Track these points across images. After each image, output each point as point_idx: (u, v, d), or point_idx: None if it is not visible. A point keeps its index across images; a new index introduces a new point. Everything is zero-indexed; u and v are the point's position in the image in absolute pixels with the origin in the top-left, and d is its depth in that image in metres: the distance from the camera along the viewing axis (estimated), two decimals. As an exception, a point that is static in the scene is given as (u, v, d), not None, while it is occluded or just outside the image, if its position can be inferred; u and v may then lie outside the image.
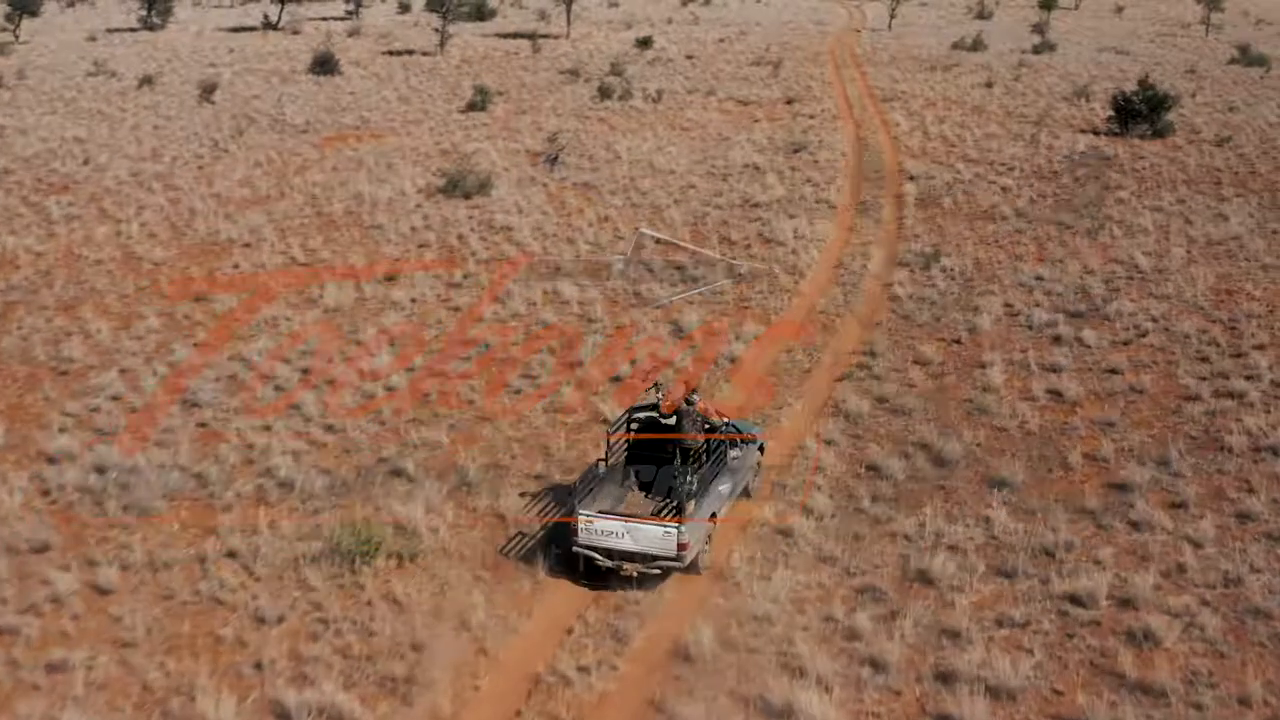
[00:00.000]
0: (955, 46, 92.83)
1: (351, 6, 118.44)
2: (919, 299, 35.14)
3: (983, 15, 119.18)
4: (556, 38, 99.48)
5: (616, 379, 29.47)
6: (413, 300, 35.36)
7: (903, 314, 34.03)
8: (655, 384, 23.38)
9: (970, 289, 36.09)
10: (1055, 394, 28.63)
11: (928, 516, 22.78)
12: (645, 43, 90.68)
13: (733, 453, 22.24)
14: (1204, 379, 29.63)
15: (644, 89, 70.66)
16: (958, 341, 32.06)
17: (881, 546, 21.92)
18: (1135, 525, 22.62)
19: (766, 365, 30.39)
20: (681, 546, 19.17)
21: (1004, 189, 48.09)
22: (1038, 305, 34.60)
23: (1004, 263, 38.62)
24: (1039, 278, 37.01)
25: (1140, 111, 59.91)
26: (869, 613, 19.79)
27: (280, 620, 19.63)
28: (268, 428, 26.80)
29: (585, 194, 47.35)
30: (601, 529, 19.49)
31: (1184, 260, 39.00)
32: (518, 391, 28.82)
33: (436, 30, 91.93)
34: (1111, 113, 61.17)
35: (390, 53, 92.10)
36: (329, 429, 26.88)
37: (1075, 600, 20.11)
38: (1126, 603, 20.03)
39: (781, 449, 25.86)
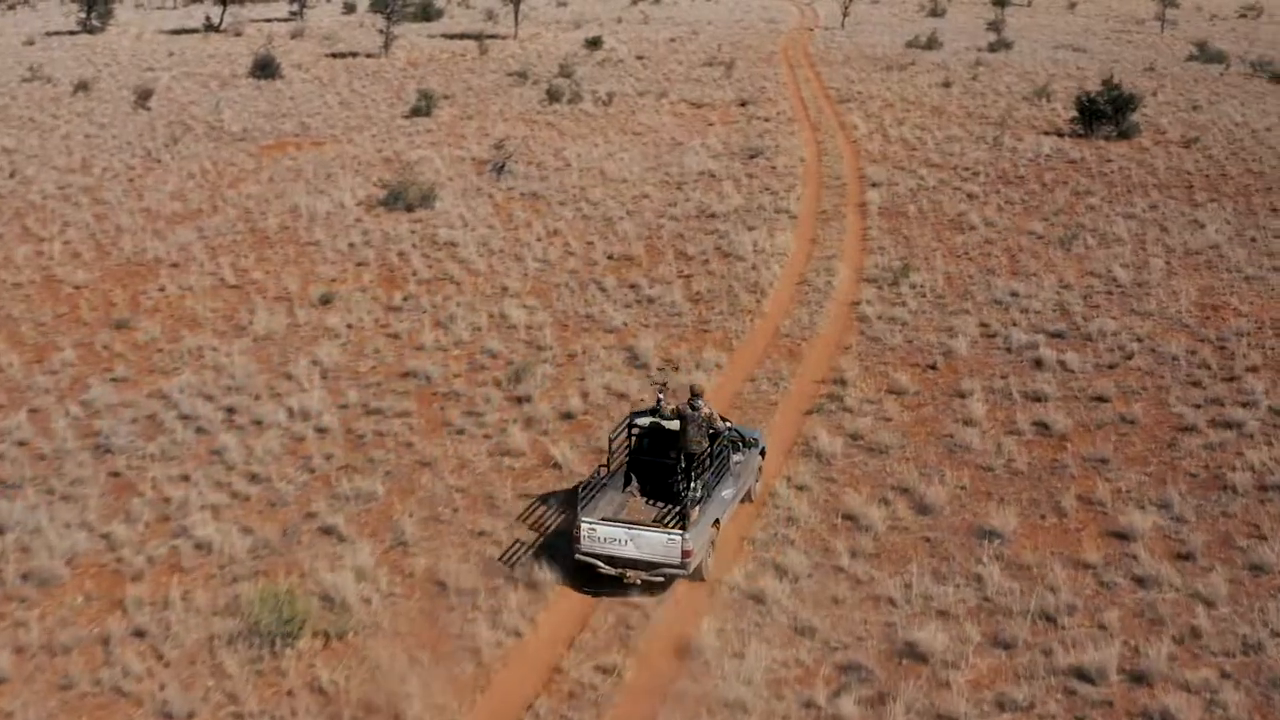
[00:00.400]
0: (910, 45, 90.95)
1: (295, 7, 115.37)
2: (889, 319, 32.89)
3: (935, 13, 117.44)
4: (504, 38, 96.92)
5: (568, 416, 26.95)
6: (349, 326, 32.87)
7: (872, 336, 31.76)
8: (661, 384, 22.94)
9: (943, 307, 33.87)
10: (1041, 426, 26.45)
11: (914, 575, 20.55)
12: (594, 43, 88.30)
13: (735, 457, 21.69)
14: (1198, 406, 27.54)
15: (594, 91, 68.27)
16: (933, 367, 29.84)
17: (864, 613, 19.64)
18: (1141, 581, 20.47)
19: (730, 397, 27.92)
20: (685, 554, 18.73)
21: (970, 196, 45.97)
22: (1015, 325, 32.44)
23: (976, 277, 36.45)
24: (1014, 293, 34.86)
25: (1105, 112, 58.04)
26: (855, 695, 17.57)
27: (190, 716, 17.12)
28: (186, 478, 24.22)
29: (534, 205, 44.90)
30: (604, 536, 18.98)
31: (1164, 272, 36.94)
32: (460, 431, 26.37)
33: (381, 32, 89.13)
34: (1075, 113, 59.07)
35: (334, 55, 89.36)
36: (253, 478, 24.39)
37: (1082, 675, 17.96)
38: (1139, 678, 17.91)
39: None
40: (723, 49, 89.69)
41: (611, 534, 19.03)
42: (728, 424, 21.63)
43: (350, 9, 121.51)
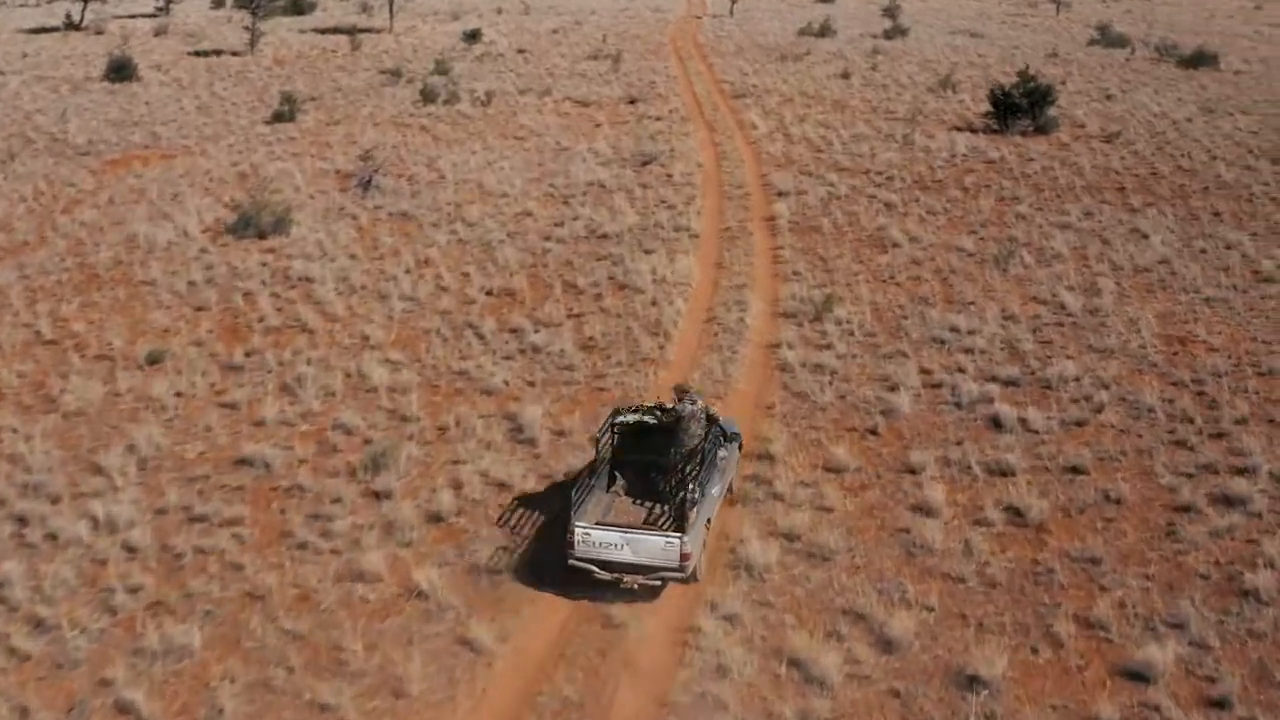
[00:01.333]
0: (803, 33, 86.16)
1: (161, 3, 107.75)
2: (815, 367, 27.86)
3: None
4: (379, 32, 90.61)
5: (437, 519, 21.49)
6: (178, 395, 27.19)
7: (798, 391, 26.71)
8: (682, 389, 20.75)
9: (875, 349, 28.94)
10: (1014, 513, 21.57)
11: (888, 759, 15.26)
12: (473, 36, 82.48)
13: (720, 453, 20.52)
14: (1189, 476, 22.89)
15: (472, 90, 62.63)
16: (873, 432, 24.86)
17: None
18: (1176, 751, 15.36)
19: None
20: (684, 556, 17.92)
21: (888, 205, 41.15)
22: (961, 370, 27.54)
23: (908, 308, 31.56)
24: (953, 328, 30.01)
25: (1020, 106, 53.40)
26: None
27: None
28: (-59, 631, 18.40)
29: (403, 227, 39.31)
30: (599, 541, 18.10)
31: (1116, 295, 32.44)
32: (303, 546, 20.88)
33: (247, 29, 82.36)
34: (988, 108, 54.44)
35: (197, 54, 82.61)
36: (37, 625, 18.68)
37: None
38: None
39: (663, 631, 18.28)
40: (608, 40, 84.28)
41: (606, 539, 18.10)
42: (718, 419, 20.36)
43: (219, 3, 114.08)
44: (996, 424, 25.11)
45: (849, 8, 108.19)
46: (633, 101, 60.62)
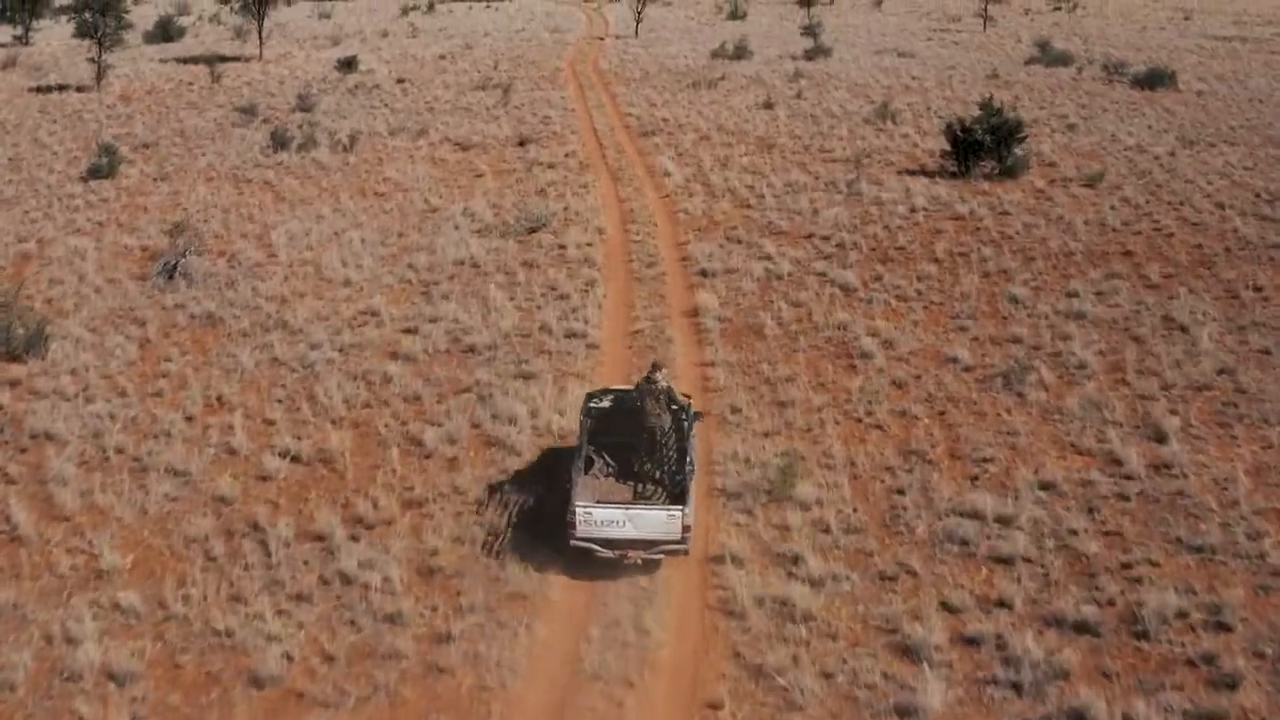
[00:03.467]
0: (716, 55, 75.28)
1: (20, 32, 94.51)
2: (779, 612, 17.03)
3: (735, 15, 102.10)
4: (248, 60, 78.42)
5: None
6: None
7: (758, 672, 15.56)
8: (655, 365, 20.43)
9: (866, 565, 18.25)
10: None
11: None
12: (348, 64, 70.87)
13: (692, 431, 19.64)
14: None
15: (334, 133, 51.06)
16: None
17: None
18: None
19: None
20: (686, 529, 17.58)
21: (846, 290, 30.77)
22: (1005, 607, 16.95)
23: (900, 474, 21.10)
24: (974, 513, 19.51)
25: (983, 144, 42.83)
26: None
27: None
28: None
29: (202, 341, 28.23)
30: (601, 519, 17.69)
31: (1182, 436, 22.40)
32: None
33: (92, 60, 70.06)
34: (945, 146, 43.96)
35: (38, 90, 70.14)
36: None
37: None
38: None
39: None
40: (500, 66, 73.08)
41: (608, 516, 17.65)
42: (687, 396, 20.64)
43: (83, 33, 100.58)
44: (1089, 733, 14.13)
45: (762, 25, 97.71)
46: (523, 143, 49.45)
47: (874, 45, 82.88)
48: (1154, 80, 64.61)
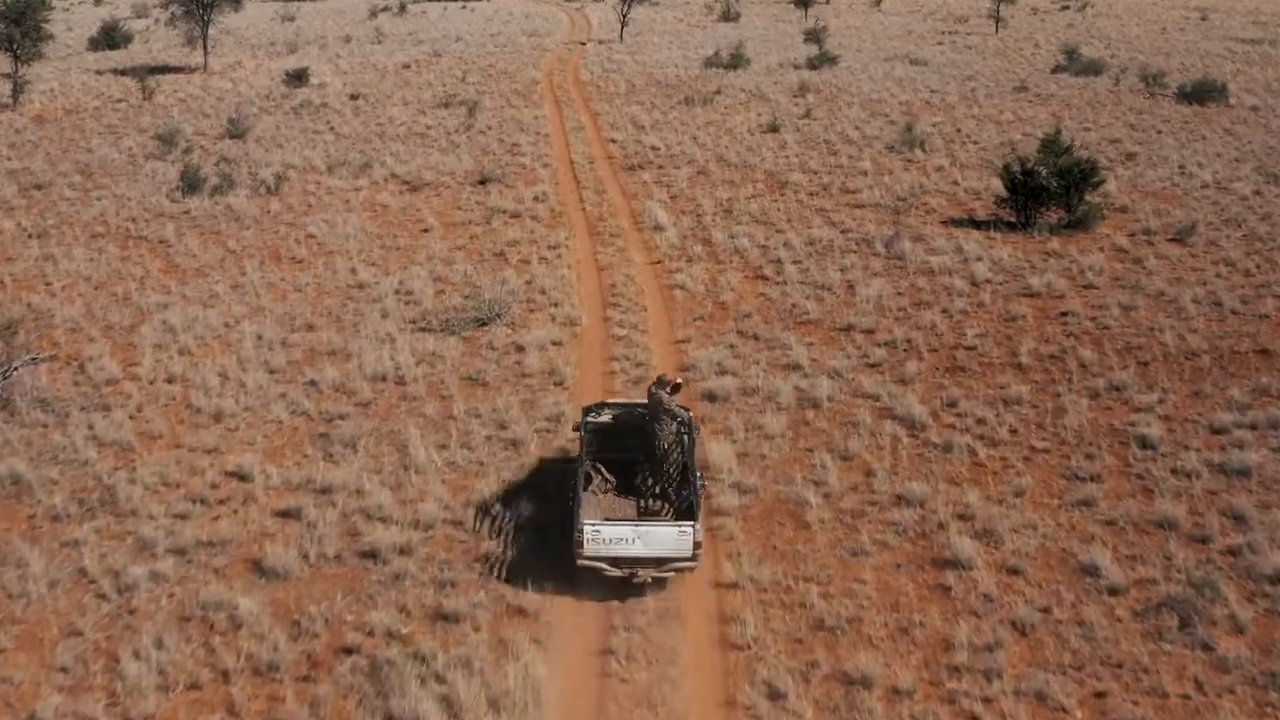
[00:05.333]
0: (710, 64, 64.91)
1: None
2: None
3: (728, 17, 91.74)
4: (191, 72, 68.01)
5: None
6: None
7: None
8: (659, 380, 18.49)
9: None
10: None
11: None
12: (299, 77, 60.52)
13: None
14: None
15: (259, 170, 40.92)
16: None
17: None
18: None
19: None
20: (697, 545, 16.38)
21: (912, 428, 21.93)
22: None
23: None
24: None
25: (1048, 189, 32.94)
26: None
27: None
28: None
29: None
30: (609, 537, 16.35)
31: None
32: None
33: (8, 76, 59.63)
34: (999, 187, 34.20)
35: (-50, 107, 59.76)
36: None
37: None
38: None
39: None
40: (469, 78, 62.83)
41: (617, 534, 16.34)
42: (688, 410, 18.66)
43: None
44: None
45: (757, 28, 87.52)
46: (484, 182, 39.46)
47: (882, 50, 72.84)
48: (1202, 93, 54.98)
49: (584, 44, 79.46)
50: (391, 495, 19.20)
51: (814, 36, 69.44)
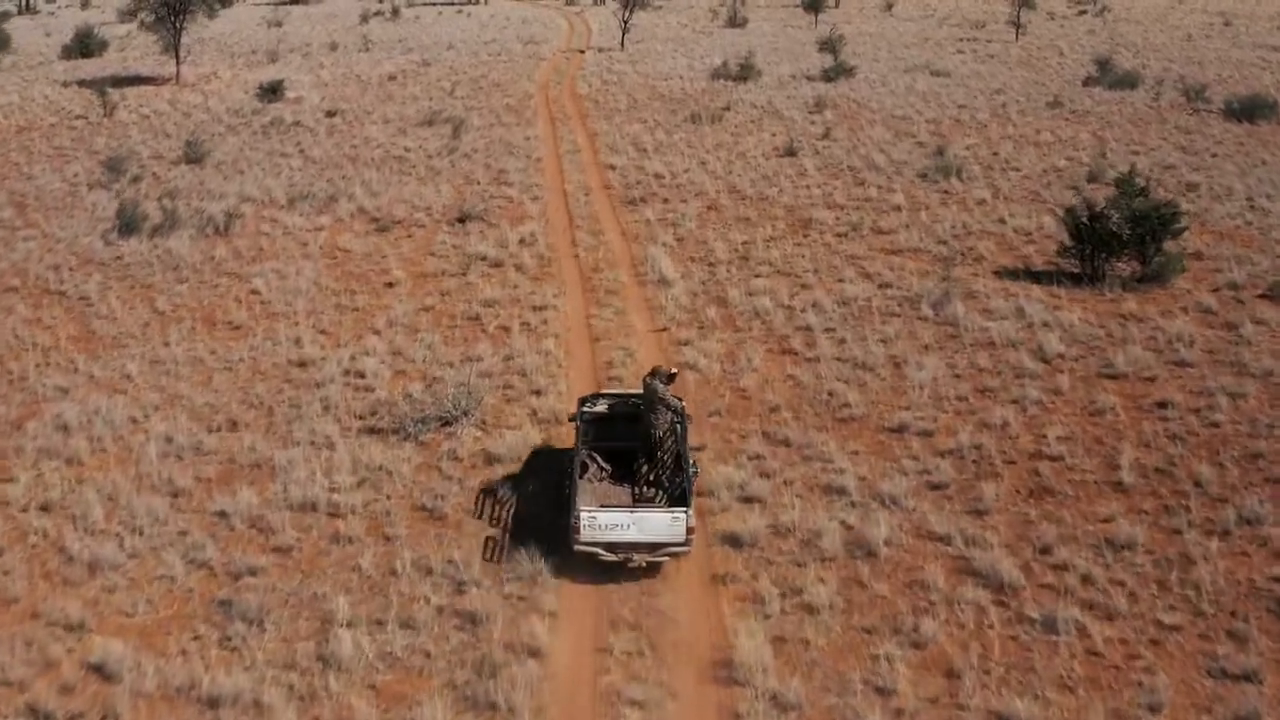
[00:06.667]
0: (717, 75, 59.01)
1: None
2: None
3: (734, 23, 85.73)
4: (164, 83, 62.17)
5: None
6: None
7: None
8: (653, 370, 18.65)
9: None
10: None
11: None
12: (273, 91, 54.58)
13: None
14: None
15: (210, 206, 35.41)
16: None
17: None
18: None
19: None
20: (690, 530, 16.43)
21: (1000, 594, 16.81)
22: None
23: None
24: None
25: (1120, 237, 27.17)
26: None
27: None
28: None
29: None
30: (605, 523, 16.46)
31: None
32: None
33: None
34: (1067, 241, 28.40)
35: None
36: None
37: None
38: None
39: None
40: (457, 90, 56.87)
41: (613, 520, 16.44)
42: (681, 401, 18.88)
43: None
44: None
45: (765, 34, 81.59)
46: (463, 220, 33.63)
47: (900, 60, 66.94)
48: (1252, 110, 49.31)
49: (583, 52, 73.60)
50: (298, 717, 13.34)
51: (829, 46, 63.27)
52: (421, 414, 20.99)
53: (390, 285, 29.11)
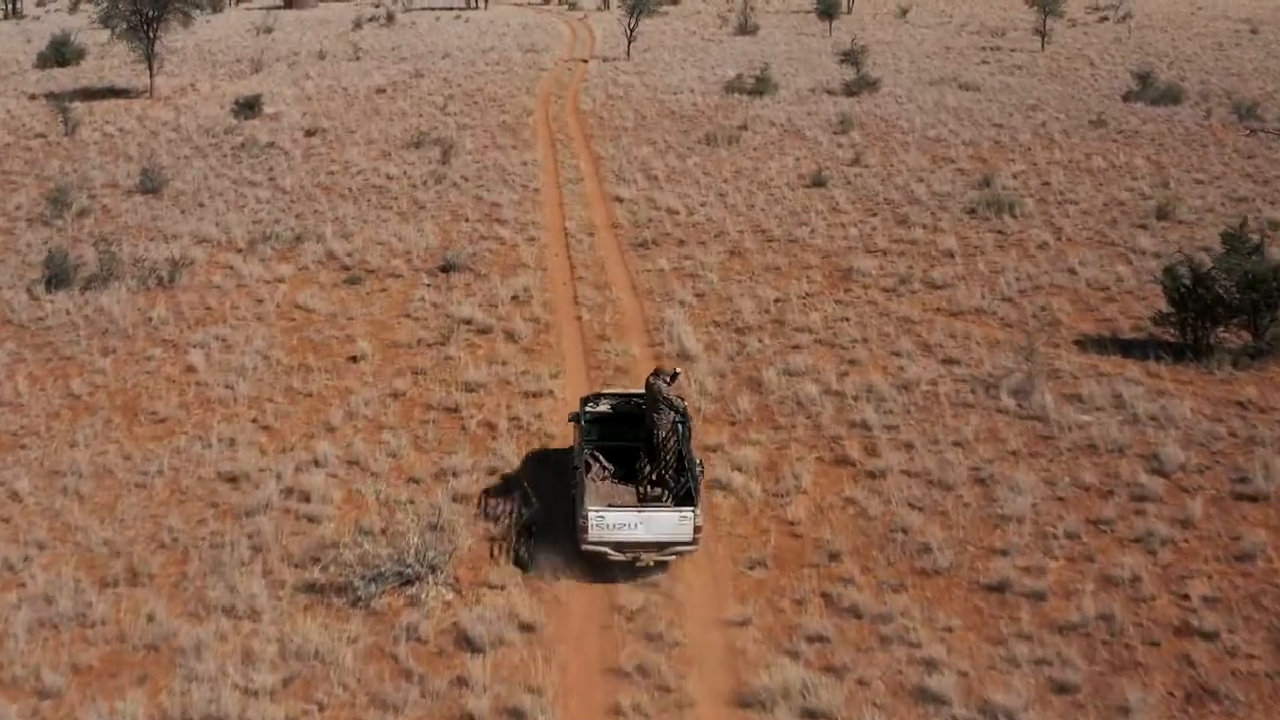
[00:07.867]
0: (731, 89, 53.50)
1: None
2: None
3: (745, 30, 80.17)
4: (137, 97, 56.62)
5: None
6: None
7: None
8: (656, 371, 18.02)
9: None
10: None
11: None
12: (249, 106, 49.13)
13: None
14: None
15: (155, 250, 29.99)
16: None
17: None
18: None
19: None
20: (698, 529, 16.11)
21: None
22: None
23: None
24: None
25: (1227, 303, 21.57)
26: None
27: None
28: None
29: None
30: (613, 523, 16.08)
31: None
32: None
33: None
34: (1165, 307, 22.84)
35: None
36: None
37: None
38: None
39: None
40: (450, 106, 51.34)
41: (621, 519, 16.06)
42: (683, 400, 18.54)
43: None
44: None
45: (778, 42, 76.15)
46: (447, 270, 28.10)
47: (923, 71, 61.53)
48: (1312, 131, 43.74)
49: (586, 62, 68.01)
50: None
51: (851, 59, 57.67)
52: (376, 568, 15.48)
53: (354, 360, 23.73)
